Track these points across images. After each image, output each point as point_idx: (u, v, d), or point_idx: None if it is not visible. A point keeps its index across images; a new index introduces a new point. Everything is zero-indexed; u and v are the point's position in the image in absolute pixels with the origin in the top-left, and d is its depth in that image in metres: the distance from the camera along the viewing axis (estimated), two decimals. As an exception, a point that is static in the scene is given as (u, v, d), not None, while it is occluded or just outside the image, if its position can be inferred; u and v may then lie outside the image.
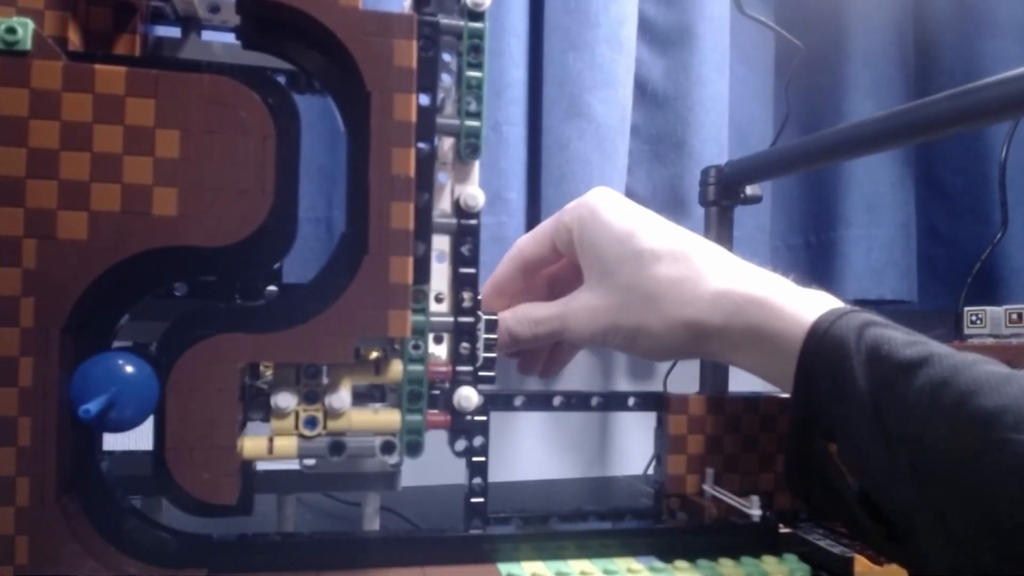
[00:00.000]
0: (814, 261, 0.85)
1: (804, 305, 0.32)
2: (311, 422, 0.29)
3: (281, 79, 0.35)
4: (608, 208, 0.37)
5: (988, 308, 0.59)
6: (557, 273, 0.41)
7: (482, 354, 0.31)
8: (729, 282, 0.34)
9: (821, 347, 0.30)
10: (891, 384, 0.28)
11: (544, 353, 0.42)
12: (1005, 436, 0.25)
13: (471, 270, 0.31)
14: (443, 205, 0.31)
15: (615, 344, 0.37)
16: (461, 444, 0.32)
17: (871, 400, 0.29)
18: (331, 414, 0.29)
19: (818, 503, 0.33)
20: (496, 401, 0.35)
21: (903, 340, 0.29)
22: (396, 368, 0.29)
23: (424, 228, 0.29)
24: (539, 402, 0.37)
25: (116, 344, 0.29)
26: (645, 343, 0.36)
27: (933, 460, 0.27)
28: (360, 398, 0.30)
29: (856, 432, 0.29)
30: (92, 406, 0.25)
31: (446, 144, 0.30)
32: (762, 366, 0.34)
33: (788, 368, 0.32)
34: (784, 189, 0.86)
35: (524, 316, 0.38)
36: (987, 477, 0.25)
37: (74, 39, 0.29)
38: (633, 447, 0.80)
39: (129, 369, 0.26)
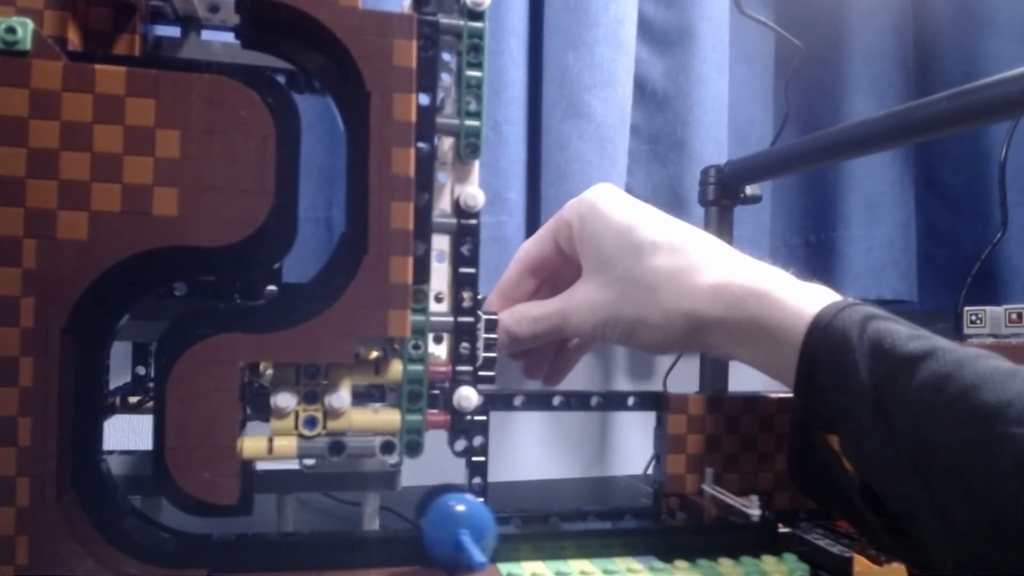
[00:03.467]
0: (814, 261, 0.85)
1: (805, 298, 0.32)
2: (311, 422, 0.29)
3: (281, 79, 0.35)
4: (607, 202, 0.37)
5: (988, 308, 0.59)
6: (560, 275, 0.41)
7: (482, 354, 0.31)
8: (728, 274, 0.34)
9: (823, 339, 0.30)
10: (894, 377, 0.28)
11: (549, 356, 0.42)
12: (1008, 430, 0.24)
13: (471, 270, 0.31)
14: (443, 205, 0.31)
15: (614, 337, 0.36)
16: (461, 444, 0.32)
17: (873, 393, 0.28)
18: (331, 414, 0.29)
19: (819, 496, 0.33)
20: (496, 401, 0.35)
21: (906, 334, 0.29)
22: (396, 368, 0.29)
23: (424, 228, 0.29)
24: (539, 402, 0.37)
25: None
26: (644, 335, 0.36)
27: (935, 453, 0.26)
28: (360, 398, 0.30)
29: (858, 425, 0.29)
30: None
31: (446, 144, 0.30)
32: (762, 359, 0.34)
33: (789, 361, 0.32)
34: (784, 189, 0.86)
35: (523, 315, 0.38)
36: (989, 471, 0.25)
37: (74, 39, 0.29)
38: (633, 447, 0.80)
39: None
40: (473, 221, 0.31)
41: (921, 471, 0.27)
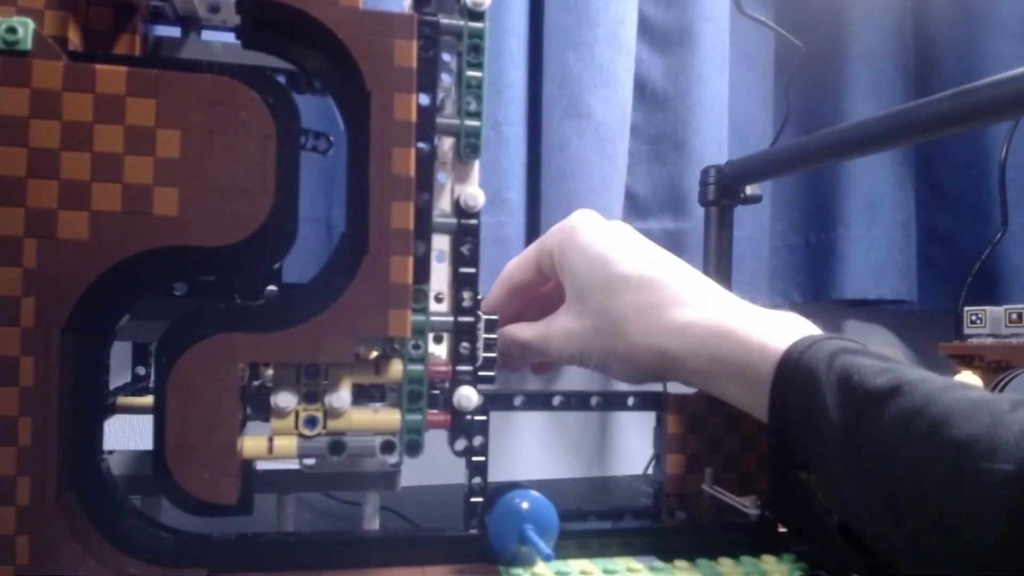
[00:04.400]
0: (814, 261, 0.85)
1: (774, 334, 0.32)
2: (311, 422, 0.29)
3: (281, 79, 0.35)
4: (585, 232, 0.38)
5: (988, 308, 0.59)
6: (549, 294, 0.42)
7: (482, 354, 0.31)
8: (695, 313, 0.34)
9: (792, 378, 0.31)
10: (862, 415, 0.28)
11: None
12: (978, 465, 0.24)
13: (471, 270, 0.31)
14: (443, 205, 0.31)
15: (591, 366, 0.38)
16: (461, 444, 0.32)
17: (843, 432, 0.28)
18: (331, 414, 0.29)
19: (801, 531, 0.33)
20: (496, 401, 0.35)
21: (874, 368, 0.29)
22: (396, 368, 0.29)
23: (424, 228, 0.29)
24: (539, 402, 0.36)
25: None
26: (616, 368, 0.37)
27: (908, 491, 0.26)
28: (360, 398, 0.30)
29: (831, 464, 0.29)
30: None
31: (446, 144, 0.30)
32: (735, 396, 0.34)
33: (760, 399, 0.32)
34: (784, 189, 0.86)
35: (511, 338, 0.40)
36: (962, 507, 0.25)
37: (74, 39, 0.29)
38: (633, 447, 0.80)
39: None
40: (473, 221, 0.31)
41: (895, 509, 0.27)
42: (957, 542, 0.25)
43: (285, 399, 0.28)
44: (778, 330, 0.33)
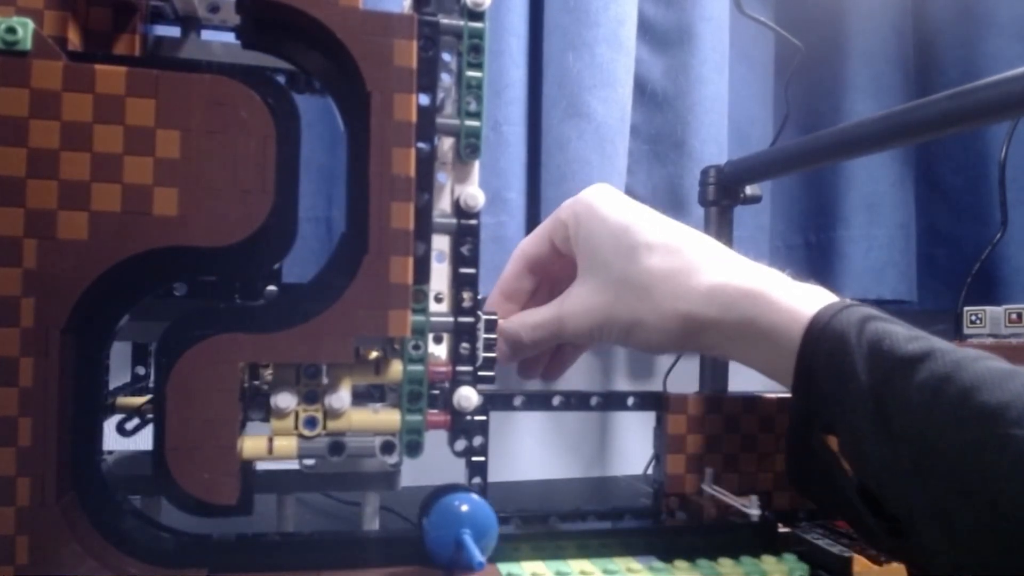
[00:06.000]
0: (814, 261, 0.85)
1: (802, 299, 0.32)
2: (311, 422, 0.29)
3: (281, 79, 0.35)
4: (605, 203, 0.37)
5: (988, 308, 0.59)
6: (558, 274, 0.41)
7: (482, 354, 0.31)
8: (724, 275, 0.34)
9: (821, 341, 0.30)
10: (892, 379, 0.28)
11: (545, 357, 0.42)
12: (1008, 432, 0.25)
13: (471, 270, 0.31)
14: (443, 205, 0.31)
15: (612, 338, 0.37)
16: (461, 444, 0.32)
17: (872, 394, 0.28)
18: (331, 414, 0.29)
19: (818, 497, 0.33)
20: (496, 401, 0.35)
21: (905, 335, 0.29)
22: (396, 368, 0.29)
23: (424, 228, 0.29)
24: (539, 402, 0.37)
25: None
26: (640, 336, 0.36)
27: (935, 455, 0.27)
28: (360, 398, 0.30)
29: (857, 426, 0.29)
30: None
31: (446, 144, 0.30)
32: (760, 360, 0.34)
33: (786, 362, 0.32)
34: (784, 189, 0.86)
35: (522, 323, 0.38)
36: (989, 473, 0.25)
37: (74, 39, 0.29)
38: (632, 447, 0.80)
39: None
40: (473, 221, 0.31)
41: (920, 473, 0.27)
42: (982, 507, 0.25)
43: (285, 399, 0.28)
44: (807, 295, 0.33)
